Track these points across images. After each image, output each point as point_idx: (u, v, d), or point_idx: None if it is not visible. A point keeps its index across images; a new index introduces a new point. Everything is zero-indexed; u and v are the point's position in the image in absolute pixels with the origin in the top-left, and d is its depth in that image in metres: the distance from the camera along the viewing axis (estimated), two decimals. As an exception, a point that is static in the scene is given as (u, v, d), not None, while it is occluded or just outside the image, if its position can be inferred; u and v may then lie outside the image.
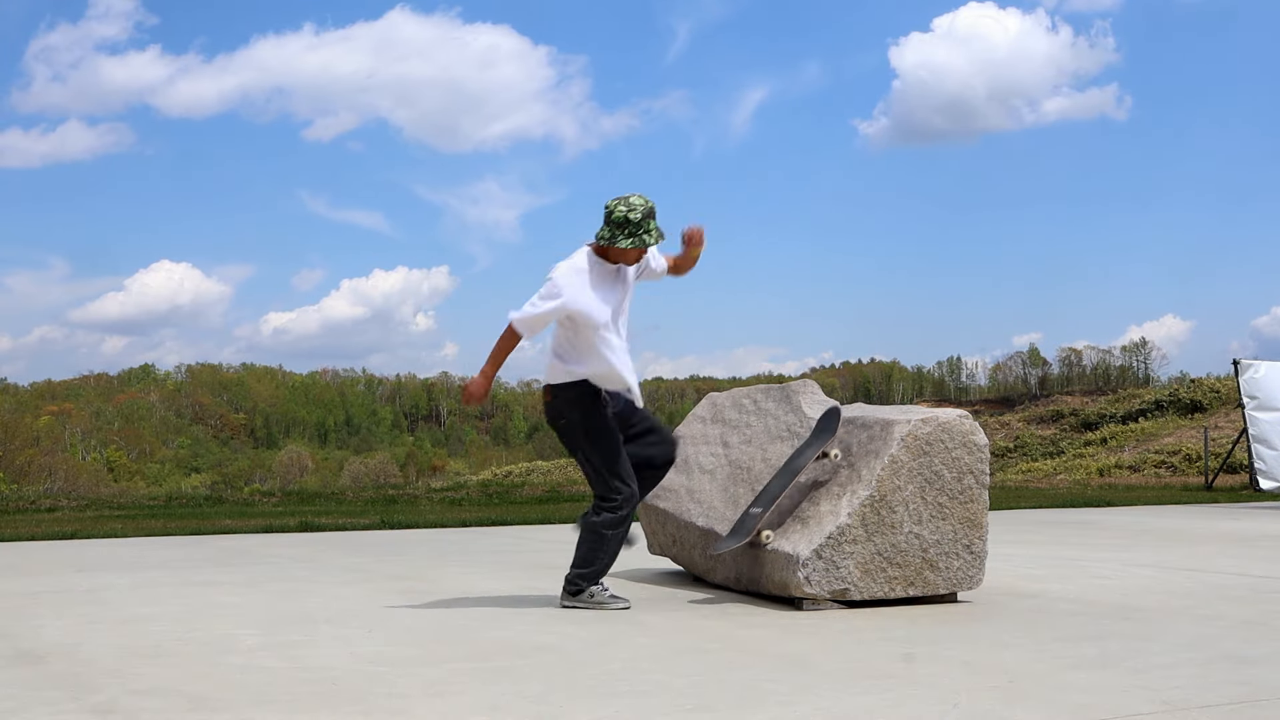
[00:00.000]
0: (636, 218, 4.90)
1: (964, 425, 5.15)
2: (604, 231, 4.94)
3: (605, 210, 4.94)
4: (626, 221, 4.90)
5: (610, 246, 4.93)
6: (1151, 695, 3.21)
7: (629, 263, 5.03)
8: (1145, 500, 15.98)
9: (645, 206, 4.93)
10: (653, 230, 4.96)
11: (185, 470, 77.43)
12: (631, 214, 4.90)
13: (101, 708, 3.12)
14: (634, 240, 4.91)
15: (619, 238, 4.91)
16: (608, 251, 4.98)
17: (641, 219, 4.91)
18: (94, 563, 7.44)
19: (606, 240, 4.92)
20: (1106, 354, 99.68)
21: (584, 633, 4.39)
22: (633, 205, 4.91)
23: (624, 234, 4.91)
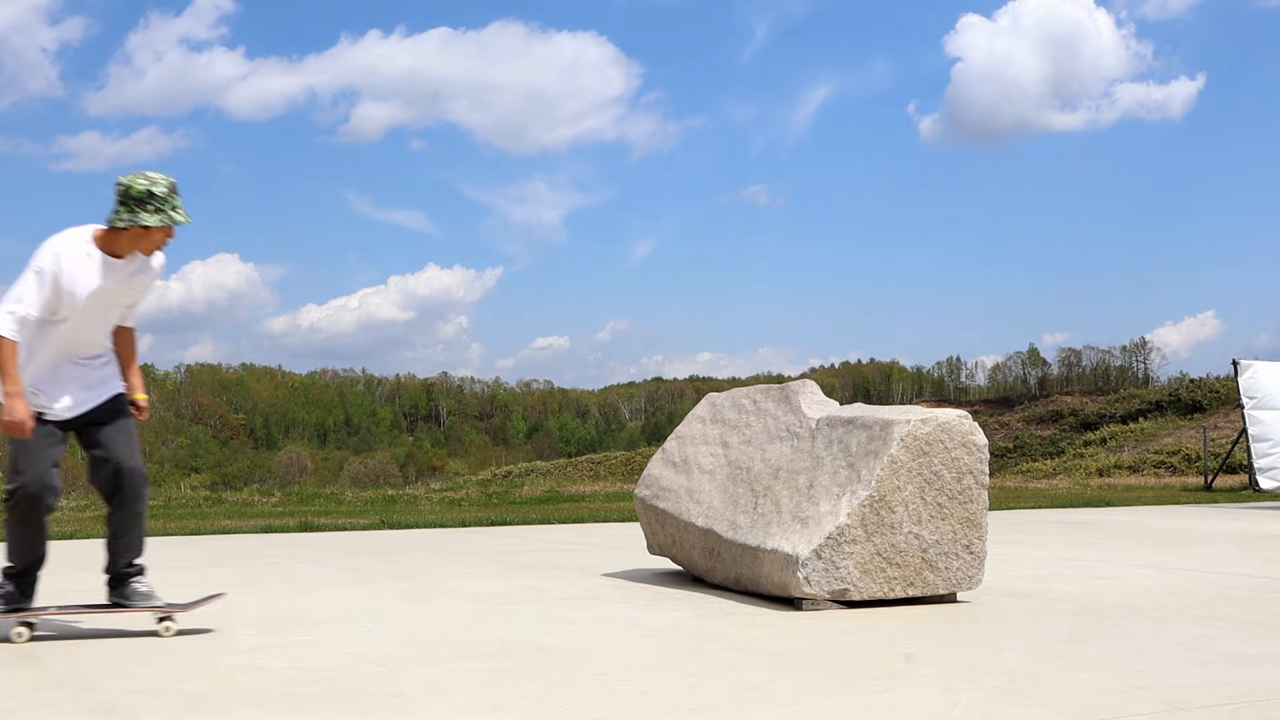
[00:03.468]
0: (161, 191, 4.21)
1: (963, 425, 5.16)
2: (120, 211, 4.20)
3: (119, 187, 4.22)
4: (150, 196, 4.19)
5: (128, 229, 4.21)
6: (1151, 695, 3.22)
7: (148, 250, 4.31)
8: (1145, 500, 15.98)
9: (169, 181, 4.26)
10: (180, 207, 4.26)
11: (184, 470, 77.38)
12: (155, 187, 4.20)
13: (101, 708, 3.12)
14: (161, 216, 4.21)
15: (142, 214, 4.18)
16: (117, 238, 4.24)
17: (167, 193, 4.23)
18: (95, 563, 7.43)
19: (126, 221, 4.19)
20: (1106, 354, 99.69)
21: (584, 633, 4.39)
22: (154, 179, 4.22)
23: (146, 209, 4.19)
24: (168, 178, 4.27)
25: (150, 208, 4.20)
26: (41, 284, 4.13)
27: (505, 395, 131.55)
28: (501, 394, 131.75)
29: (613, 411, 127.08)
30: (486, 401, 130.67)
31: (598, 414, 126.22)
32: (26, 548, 4.29)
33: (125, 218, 4.20)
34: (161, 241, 4.31)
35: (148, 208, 4.20)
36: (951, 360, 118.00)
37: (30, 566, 4.36)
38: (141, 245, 4.27)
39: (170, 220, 4.23)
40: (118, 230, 4.22)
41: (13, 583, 4.34)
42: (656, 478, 6.28)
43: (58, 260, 4.15)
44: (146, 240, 4.26)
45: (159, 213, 4.21)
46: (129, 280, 4.34)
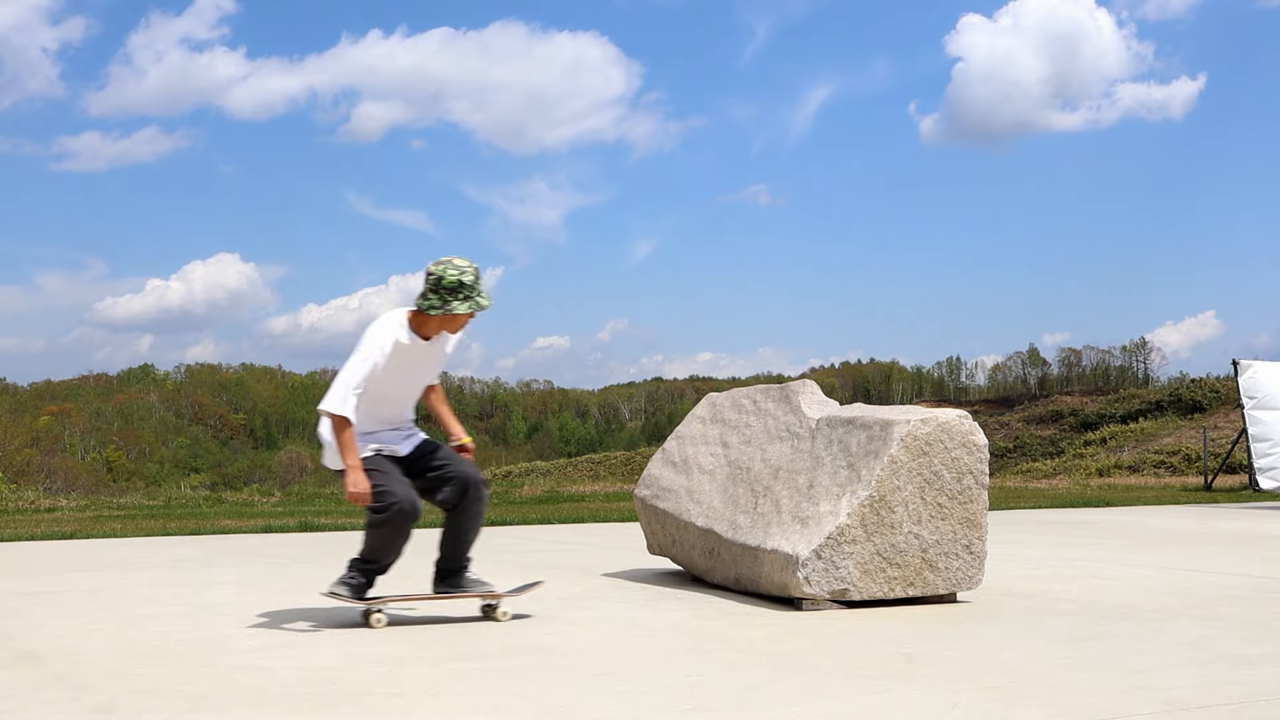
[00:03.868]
0: (469, 280, 4.58)
1: (963, 425, 5.16)
2: (433, 299, 4.58)
3: (429, 276, 4.60)
4: (460, 285, 4.56)
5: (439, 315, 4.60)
6: (1151, 695, 3.22)
7: (454, 330, 4.72)
8: (1145, 500, 15.98)
9: (474, 268, 4.63)
10: (484, 293, 4.65)
11: (184, 470, 77.41)
12: (464, 276, 4.57)
13: (101, 708, 3.12)
14: (470, 304, 4.58)
15: (454, 302, 4.56)
16: (427, 322, 4.65)
17: (474, 281, 4.60)
18: (94, 563, 7.44)
19: (437, 308, 4.57)
20: (1106, 354, 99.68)
21: (584, 633, 4.40)
22: (461, 268, 4.58)
23: (458, 298, 4.57)
24: (473, 265, 4.66)
25: (460, 296, 4.59)
26: (371, 370, 4.57)
27: (505, 395, 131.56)
28: (501, 394, 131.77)
29: (613, 411, 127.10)
30: (486, 401, 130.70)
31: (598, 414, 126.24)
32: (390, 551, 4.68)
33: (437, 305, 4.59)
34: (465, 323, 4.72)
35: (459, 296, 4.59)
36: (951, 360, 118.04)
37: (386, 567, 4.75)
38: (448, 327, 4.70)
39: (478, 307, 4.63)
40: (428, 315, 4.63)
41: (364, 575, 4.70)
42: (656, 478, 6.28)
43: (383, 350, 4.59)
44: (454, 323, 4.69)
45: (468, 300, 4.60)
46: (435, 355, 4.80)
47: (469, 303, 4.59)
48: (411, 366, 4.71)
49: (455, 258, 4.63)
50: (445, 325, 4.67)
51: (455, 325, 4.69)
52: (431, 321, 4.64)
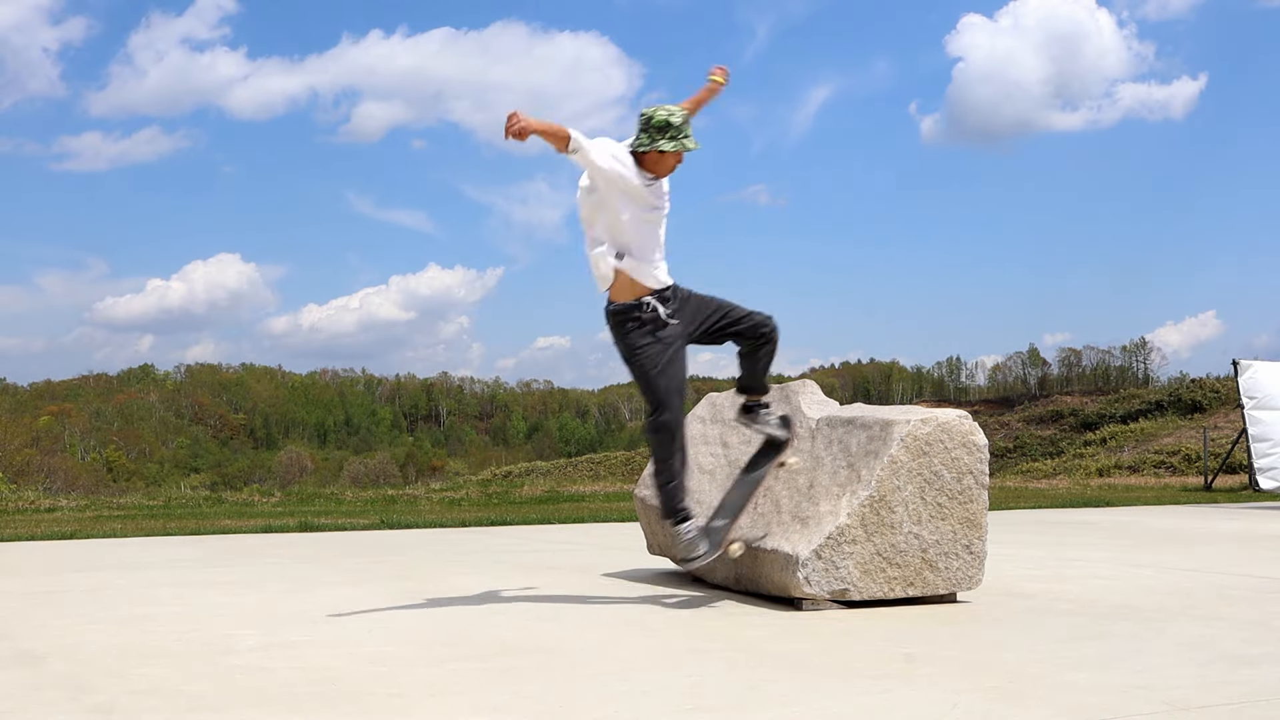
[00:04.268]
0: (678, 121, 4.81)
1: (963, 425, 5.16)
2: (642, 138, 4.81)
3: (642, 116, 4.83)
4: (667, 125, 4.80)
5: (647, 153, 4.79)
6: (1151, 695, 3.22)
7: (662, 173, 4.86)
8: (1145, 500, 15.98)
9: (684, 113, 4.87)
10: (691, 135, 4.86)
11: (184, 470, 77.40)
12: (672, 117, 4.81)
13: (101, 708, 3.12)
14: (676, 143, 4.79)
15: (660, 140, 4.78)
16: (642, 160, 4.82)
17: (682, 123, 4.83)
18: (94, 563, 7.44)
19: (646, 145, 4.79)
20: (1106, 354, 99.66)
21: (584, 633, 4.40)
22: (671, 111, 4.83)
23: (665, 137, 4.79)
24: (684, 111, 4.88)
25: (667, 135, 4.78)
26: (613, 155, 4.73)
27: (505, 395, 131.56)
28: (501, 394, 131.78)
29: (613, 411, 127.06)
30: (486, 401, 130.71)
31: (598, 414, 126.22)
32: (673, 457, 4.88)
33: (645, 143, 4.79)
34: (672, 166, 4.86)
35: (665, 135, 4.78)
36: (951, 360, 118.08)
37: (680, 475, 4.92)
38: (657, 169, 4.83)
39: (683, 148, 4.81)
40: (638, 154, 4.81)
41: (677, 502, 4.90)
42: (656, 478, 6.28)
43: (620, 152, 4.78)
44: (660, 164, 4.83)
45: (674, 140, 4.79)
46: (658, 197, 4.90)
47: (674, 142, 4.78)
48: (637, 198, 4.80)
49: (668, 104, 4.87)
50: (654, 167, 4.81)
51: (662, 167, 4.83)
52: (642, 161, 4.80)
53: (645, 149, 4.79)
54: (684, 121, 4.84)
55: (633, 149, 4.82)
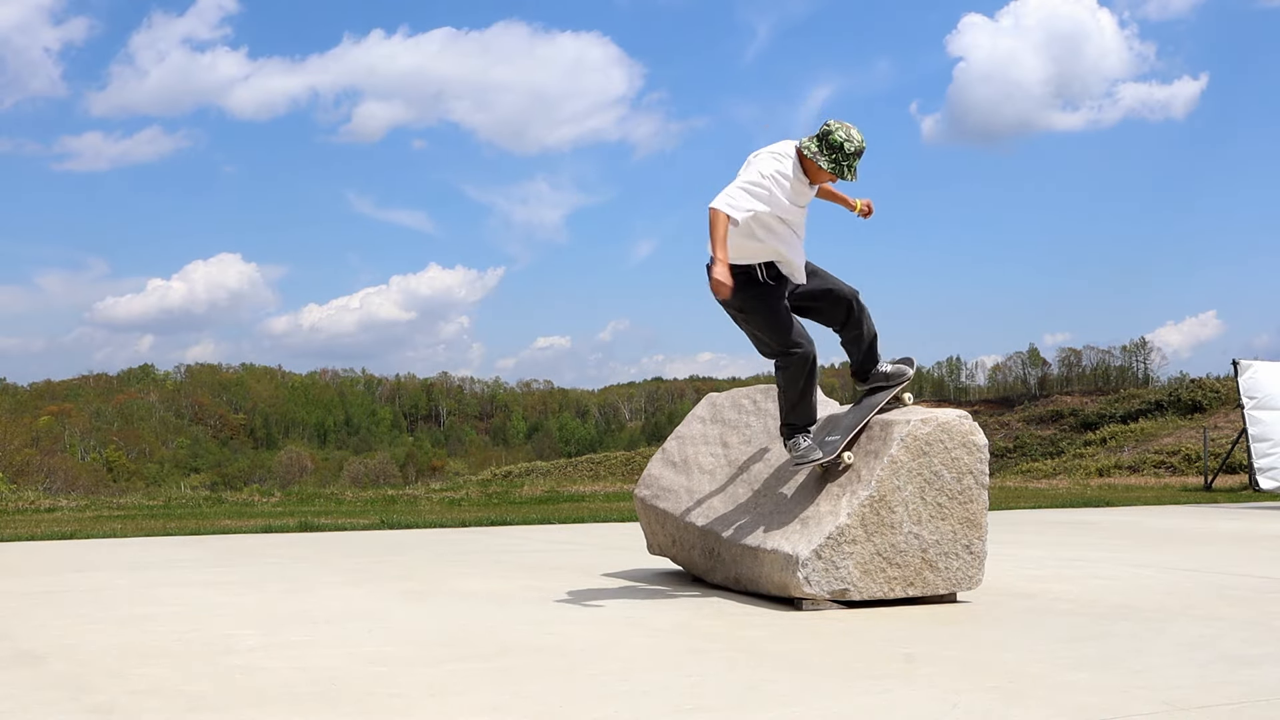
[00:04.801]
0: (851, 149, 4.98)
1: (963, 425, 5.16)
2: (812, 144, 5.02)
3: (823, 128, 5.02)
4: (839, 148, 4.97)
5: (809, 158, 5.00)
6: (1151, 695, 3.22)
7: (813, 181, 5.11)
8: (1145, 500, 15.98)
9: (860, 144, 5.00)
10: (854, 168, 5.03)
11: (184, 470, 77.39)
12: (847, 144, 4.97)
13: (101, 708, 3.12)
14: (835, 168, 4.99)
15: (822, 158, 4.98)
16: (805, 162, 5.03)
17: (853, 153, 4.99)
18: (94, 563, 7.44)
19: (811, 153, 4.99)
20: (1106, 354, 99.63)
21: (584, 633, 4.39)
22: (852, 137, 4.98)
23: (829, 158, 4.98)
24: (863, 143, 5.02)
25: (829, 156, 5.00)
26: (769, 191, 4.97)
27: (505, 395, 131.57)
28: (501, 394, 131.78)
29: (613, 411, 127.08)
30: (486, 401, 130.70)
31: (598, 414, 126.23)
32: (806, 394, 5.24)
33: (811, 149, 5.02)
34: (826, 180, 5.13)
35: (827, 155, 5.00)
36: (951, 360, 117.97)
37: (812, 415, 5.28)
38: (813, 177, 5.09)
39: (837, 171, 5.01)
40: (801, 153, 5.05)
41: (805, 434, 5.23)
42: (656, 478, 6.28)
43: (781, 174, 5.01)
44: (818, 174, 5.07)
45: (833, 162, 5.00)
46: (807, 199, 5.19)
47: (832, 164, 4.97)
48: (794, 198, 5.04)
49: (855, 128, 5.01)
50: (813, 174, 5.06)
51: (816, 177, 5.08)
52: (807, 162, 5.03)
53: (810, 154, 5.02)
54: (855, 152, 5.00)
55: (800, 147, 5.05)
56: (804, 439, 5.22)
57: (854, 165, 5.02)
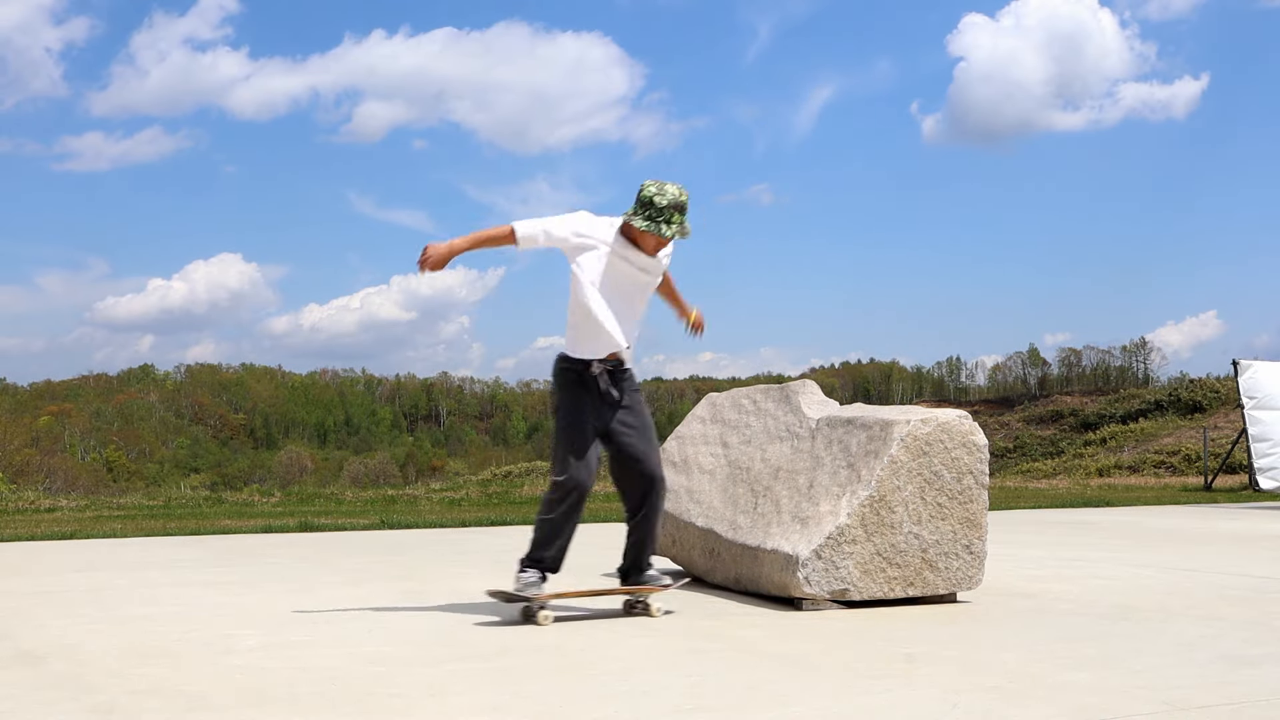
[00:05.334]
0: (661, 203, 4.55)
1: (963, 425, 5.16)
2: (631, 208, 4.63)
3: (639, 188, 4.67)
4: (649, 204, 4.56)
5: (629, 225, 4.62)
6: (1151, 695, 3.22)
7: (645, 250, 4.65)
8: (1145, 500, 15.98)
9: (676, 197, 4.57)
10: (674, 222, 4.57)
11: (184, 471, 77.38)
12: (658, 198, 4.55)
13: (101, 708, 3.12)
14: (649, 225, 4.55)
15: (636, 218, 4.57)
16: (629, 231, 4.65)
17: (666, 206, 4.55)
18: (94, 563, 7.44)
19: (627, 216, 4.61)
20: (1106, 354, 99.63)
21: (584, 633, 4.40)
22: (663, 190, 4.57)
23: (642, 215, 4.56)
24: (680, 195, 4.60)
25: (645, 214, 4.58)
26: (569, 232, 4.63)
27: (505, 395, 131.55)
28: (501, 394, 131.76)
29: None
30: (486, 401, 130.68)
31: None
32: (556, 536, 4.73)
33: (628, 215, 4.62)
34: (655, 247, 4.65)
35: (643, 213, 4.59)
36: (951, 360, 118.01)
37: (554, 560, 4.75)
38: (640, 241, 4.64)
39: (657, 231, 4.57)
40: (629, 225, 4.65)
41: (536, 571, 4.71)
42: (656, 478, 6.28)
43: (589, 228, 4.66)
44: (641, 238, 4.63)
45: (648, 220, 4.57)
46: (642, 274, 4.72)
47: (647, 221, 4.57)
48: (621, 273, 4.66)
49: (672, 184, 4.63)
50: (637, 238, 4.64)
51: (642, 241, 4.64)
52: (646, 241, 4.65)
53: (627, 218, 4.63)
54: (670, 205, 4.56)
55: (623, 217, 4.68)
56: (530, 573, 4.68)
57: (673, 219, 4.56)
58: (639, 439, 4.73)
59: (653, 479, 4.75)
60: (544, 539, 4.71)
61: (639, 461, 4.72)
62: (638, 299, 4.76)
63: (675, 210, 4.58)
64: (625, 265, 4.66)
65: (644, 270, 4.71)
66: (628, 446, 4.72)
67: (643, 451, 4.73)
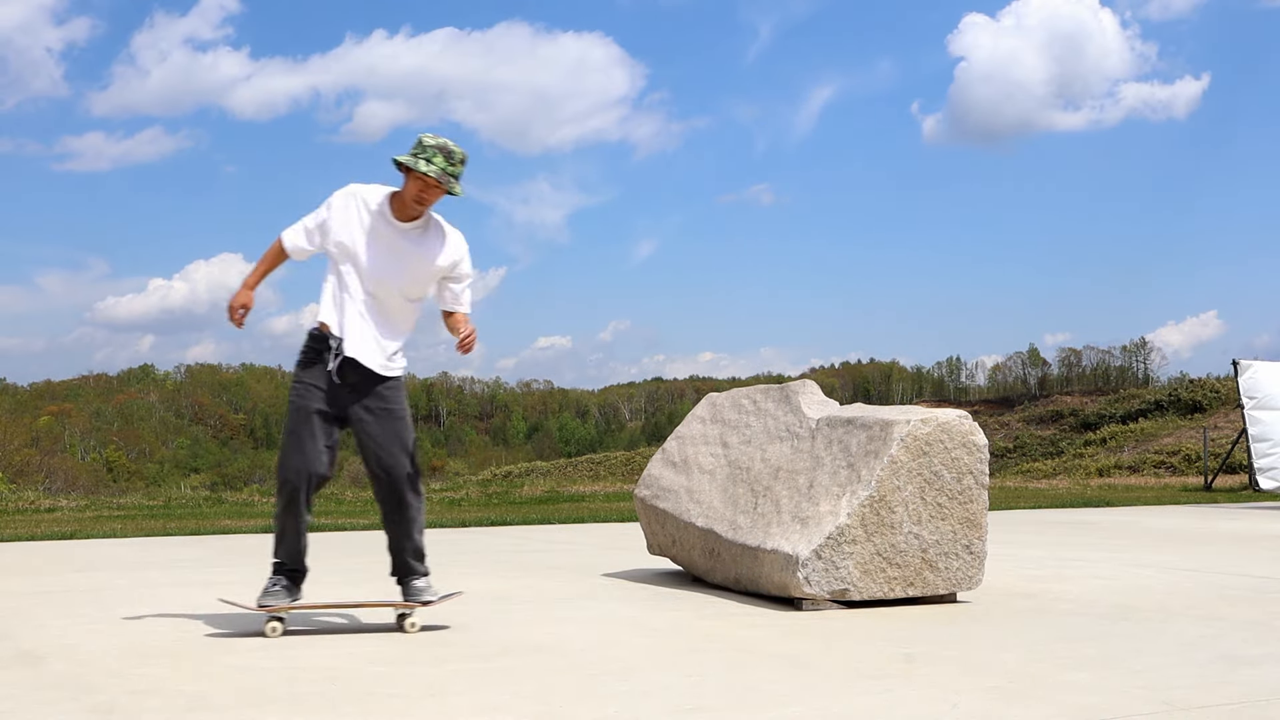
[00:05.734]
0: (429, 141, 4.31)
1: (963, 425, 5.16)
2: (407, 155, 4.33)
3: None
4: (419, 143, 4.31)
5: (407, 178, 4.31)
6: (1151, 695, 3.22)
7: (405, 199, 4.32)
8: (1145, 500, 15.98)
9: (446, 144, 4.32)
10: (437, 162, 4.27)
11: (184, 471, 77.35)
12: (427, 137, 4.32)
13: (101, 708, 3.12)
14: (409, 158, 4.26)
15: (419, 160, 4.26)
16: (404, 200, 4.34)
17: (431, 145, 4.30)
18: (94, 563, 7.44)
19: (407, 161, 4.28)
20: (1106, 354, 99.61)
21: (584, 633, 4.40)
22: (437, 135, 4.34)
23: (411, 151, 4.30)
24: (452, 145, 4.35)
25: (412, 152, 4.31)
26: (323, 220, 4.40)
27: (505, 395, 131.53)
28: (501, 394, 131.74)
29: (613, 411, 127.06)
30: (486, 401, 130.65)
31: (598, 414, 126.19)
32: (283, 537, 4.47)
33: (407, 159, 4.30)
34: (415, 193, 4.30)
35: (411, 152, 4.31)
36: (951, 360, 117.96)
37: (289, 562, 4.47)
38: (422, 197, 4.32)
39: (413, 164, 4.25)
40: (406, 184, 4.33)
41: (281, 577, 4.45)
42: (656, 478, 6.28)
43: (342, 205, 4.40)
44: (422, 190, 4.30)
45: (411, 155, 4.29)
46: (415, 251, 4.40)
47: (410, 155, 4.27)
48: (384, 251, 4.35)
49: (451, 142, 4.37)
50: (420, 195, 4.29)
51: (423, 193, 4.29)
52: (407, 189, 4.31)
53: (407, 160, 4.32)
54: (437, 146, 4.31)
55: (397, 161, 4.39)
56: (275, 579, 4.41)
57: (434, 158, 4.27)
58: (379, 432, 4.40)
59: (389, 477, 4.40)
60: (275, 539, 4.47)
61: (374, 458, 4.40)
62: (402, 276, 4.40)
63: (440, 152, 4.30)
64: (387, 229, 4.38)
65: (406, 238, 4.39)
66: (363, 440, 4.43)
67: (380, 447, 4.40)
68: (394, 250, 4.39)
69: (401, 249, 4.40)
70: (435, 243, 4.46)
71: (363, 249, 4.37)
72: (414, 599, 4.46)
